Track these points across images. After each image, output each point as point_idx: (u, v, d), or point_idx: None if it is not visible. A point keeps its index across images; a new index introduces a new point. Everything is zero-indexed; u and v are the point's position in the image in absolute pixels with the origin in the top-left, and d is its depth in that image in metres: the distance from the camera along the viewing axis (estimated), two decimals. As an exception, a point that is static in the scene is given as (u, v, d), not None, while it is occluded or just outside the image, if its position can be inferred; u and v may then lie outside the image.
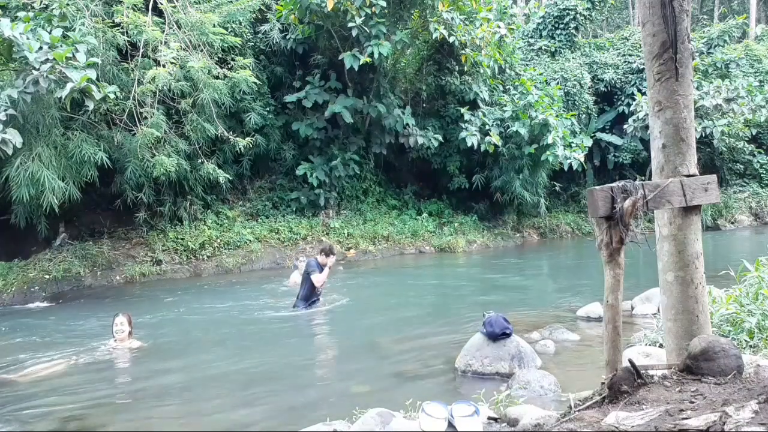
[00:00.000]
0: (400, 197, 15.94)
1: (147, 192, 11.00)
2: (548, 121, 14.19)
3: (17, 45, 7.46)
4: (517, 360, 4.53)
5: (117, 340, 5.87)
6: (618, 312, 2.58)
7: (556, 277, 10.58)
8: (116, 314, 5.99)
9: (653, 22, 2.84)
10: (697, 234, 2.81)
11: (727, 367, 2.42)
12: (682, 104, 2.81)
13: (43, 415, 4.13)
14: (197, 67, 10.16)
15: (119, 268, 10.91)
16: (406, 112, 14.40)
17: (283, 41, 13.47)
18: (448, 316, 6.87)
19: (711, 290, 4.47)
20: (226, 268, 11.71)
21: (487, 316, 4.77)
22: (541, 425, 2.67)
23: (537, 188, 16.09)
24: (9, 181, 8.63)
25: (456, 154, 15.38)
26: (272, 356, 5.83)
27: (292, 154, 14.05)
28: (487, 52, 14.73)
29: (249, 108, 12.79)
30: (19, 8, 8.92)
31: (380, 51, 12.22)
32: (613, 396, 2.38)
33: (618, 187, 2.55)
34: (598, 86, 19.86)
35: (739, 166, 20.40)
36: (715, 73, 19.09)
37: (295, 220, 13.51)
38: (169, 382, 4.88)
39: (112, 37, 9.87)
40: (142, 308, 8.17)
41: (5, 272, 9.95)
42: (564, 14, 20.40)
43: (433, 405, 3.26)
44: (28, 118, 8.46)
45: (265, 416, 3.97)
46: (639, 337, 4.91)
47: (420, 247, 14.14)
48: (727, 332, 4.06)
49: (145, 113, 9.94)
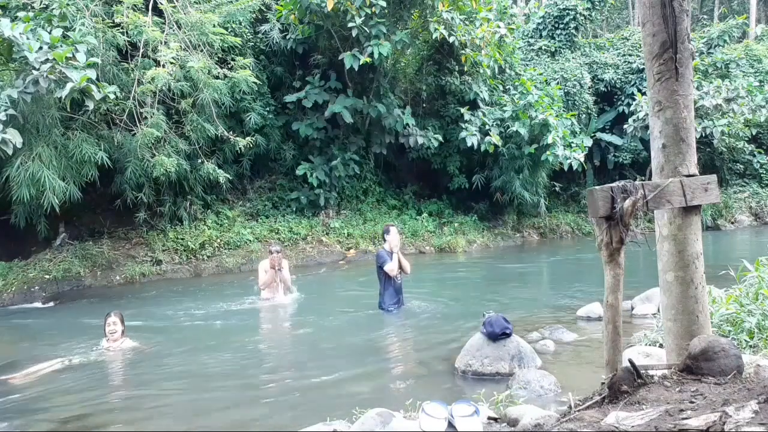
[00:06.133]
0: (400, 197, 15.94)
1: (147, 192, 11.00)
2: (548, 121, 14.18)
3: (17, 45, 7.46)
4: (517, 360, 4.52)
5: (110, 340, 5.77)
6: (618, 312, 2.58)
7: (556, 276, 10.57)
8: (108, 314, 5.87)
9: (653, 22, 2.84)
10: (697, 234, 2.81)
11: (727, 367, 2.42)
12: (682, 104, 2.81)
13: (41, 415, 4.13)
14: (197, 67, 10.16)
15: (119, 268, 10.91)
16: (406, 112, 14.40)
17: (283, 41, 13.47)
18: (448, 315, 6.86)
19: (711, 290, 4.47)
20: (226, 268, 11.71)
21: (487, 316, 4.76)
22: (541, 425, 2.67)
23: (537, 188, 16.09)
24: (9, 181, 8.63)
25: (456, 154, 15.38)
26: (271, 356, 5.84)
27: (292, 154, 14.05)
28: (487, 52, 14.73)
29: (249, 108, 12.79)
30: (19, 8, 8.92)
31: (380, 51, 12.22)
32: (613, 396, 2.38)
33: (618, 187, 2.55)
34: (598, 86, 19.85)
35: (739, 166, 20.40)
36: (715, 73, 19.08)
37: (295, 220, 13.51)
38: (166, 382, 4.86)
39: (112, 37, 9.87)
40: (141, 308, 8.18)
41: (5, 272, 9.96)
42: (564, 14, 20.40)
43: (433, 405, 3.26)
44: (28, 118, 8.46)
45: (264, 416, 3.97)
46: (639, 337, 4.91)
47: (420, 247, 14.13)
48: (727, 332, 4.06)
49: (145, 113, 9.94)
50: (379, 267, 6.94)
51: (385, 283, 7.01)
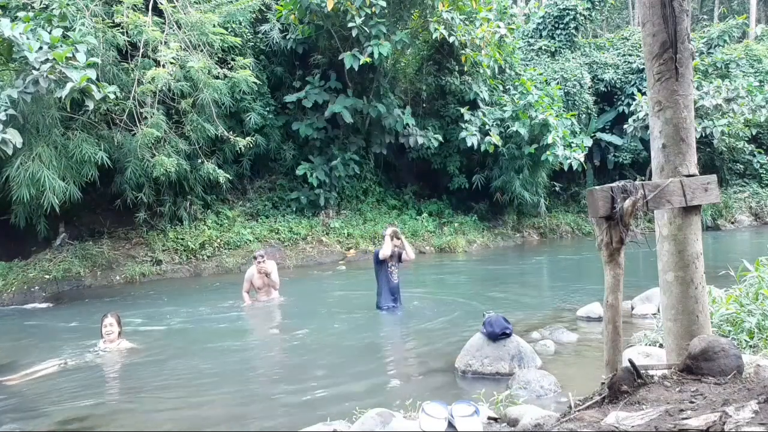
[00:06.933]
0: (400, 197, 15.94)
1: (147, 192, 11.00)
2: (548, 121, 14.19)
3: (17, 45, 7.47)
4: (517, 360, 4.52)
5: (106, 342, 5.73)
6: (618, 312, 2.58)
7: (556, 277, 10.57)
8: (105, 315, 5.83)
9: (653, 22, 2.84)
10: (697, 234, 2.81)
11: (727, 367, 2.42)
12: (682, 104, 2.81)
13: (38, 416, 4.12)
14: (197, 67, 10.16)
15: (119, 268, 10.91)
16: (406, 112, 14.40)
17: (283, 41, 13.47)
18: (447, 315, 6.86)
19: (711, 290, 4.47)
20: (226, 268, 11.71)
21: (487, 316, 4.76)
22: (541, 425, 2.67)
23: (537, 188, 16.09)
24: (9, 181, 8.64)
25: (456, 154, 15.39)
26: (271, 356, 5.83)
27: (292, 154, 14.05)
28: (487, 52, 14.73)
29: (249, 108, 12.79)
30: (19, 8, 8.93)
31: (380, 51, 12.23)
32: (613, 396, 2.38)
33: (618, 187, 2.55)
34: (598, 86, 19.86)
35: (739, 166, 20.40)
36: (715, 73, 19.09)
37: (295, 220, 13.52)
38: (164, 383, 4.84)
39: (112, 37, 9.88)
40: (141, 308, 8.17)
41: (5, 272, 9.96)
42: (564, 14, 20.40)
43: (433, 405, 3.26)
44: (28, 118, 8.46)
45: (264, 416, 3.96)
46: (639, 337, 4.91)
47: (420, 247, 14.13)
48: (727, 332, 4.06)
49: (145, 113, 9.95)
50: (376, 263, 6.96)
51: (383, 283, 7.03)
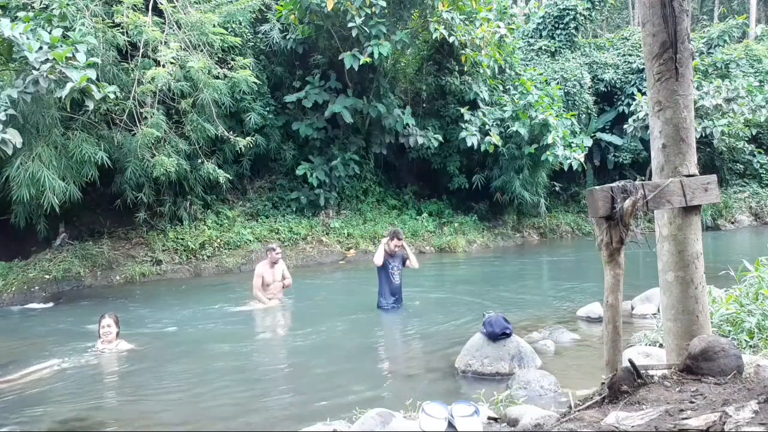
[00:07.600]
0: (400, 197, 15.94)
1: (147, 192, 11.00)
2: (548, 121, 14.18)
3: (17, 45, 7.46)
4: (517, 360, 4.52)
5: (104, 342, 5.72)
6: (618, 312, 2.58)
7: (556, 277, 10.57)
8: (102, 315, 5.82)
9: (653, 22, 2.84)
10: (697, 234, 2.81)
11: (727, 367, 2.42)
12: (682, 104, 2.81)
13: (36, 417, 4.12)
14: (197, 67, 10.16)
15: (119, 268, 10.91)
16: (406, 112, 14.40)
17: (283, 41, 13.46)
18: (447, 315, 6.86)
19: (711, 290, 4.47)
20: (226, 268, 11.71)
21: (487, 316, 4.77)
22: (541, 425, 2.68)
23: (537, 188, 16.08)
24: (9, 181, 8.63)
25: (456, 154, 15.38)
26: (271, 356, 5.83)
27: (292, 154, 14.05)
28: (487, 52, 14.72)
29: (249, 108, 12.79)
30: (19, 8, 8.92)
31: (380, 51, 12.22)
32: (613, 396, 2.38)
33: (618, 187, 2.55)
34: (598, 86, 19.85)
35: (739, 166, 20.39)
36: (715, 73, 19.08)
37: (295, 220, 13.51)
38: (162, 383, 4.84)
39: (112, 37, 9.87)
40: (140, 309, 8.17)
41: (5, 272, 9.95)
42: (564, 14, 20.40)
43: (433, 405, 3.26)
44: (28, 118, 8.46)
45: (264, 416, 3.96)
46: (639, 337, 4.91)
47: (420, 247, 14.13)
48: (727, 332, 4.06)
49: (145, 113, 9.94)
50: (377, 265, 6.98)
51: (384, 283, 7.04)
